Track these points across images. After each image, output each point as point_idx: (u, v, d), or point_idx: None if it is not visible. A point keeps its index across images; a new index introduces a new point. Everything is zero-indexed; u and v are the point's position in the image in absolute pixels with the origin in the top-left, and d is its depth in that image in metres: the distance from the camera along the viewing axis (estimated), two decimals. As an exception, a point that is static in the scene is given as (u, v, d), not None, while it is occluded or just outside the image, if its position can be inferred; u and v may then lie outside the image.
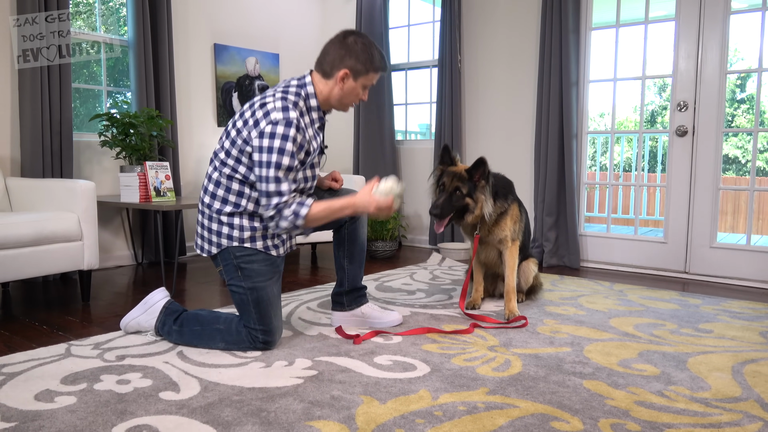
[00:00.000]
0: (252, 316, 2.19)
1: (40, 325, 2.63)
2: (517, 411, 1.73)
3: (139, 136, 3.65)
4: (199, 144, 4.57)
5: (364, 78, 2.27)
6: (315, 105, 2.25)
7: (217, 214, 2.20)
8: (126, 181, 3.48)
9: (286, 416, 1.68)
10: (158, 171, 3.50)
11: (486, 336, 2.46)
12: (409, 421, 1.65)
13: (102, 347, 2.28)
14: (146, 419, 1.65)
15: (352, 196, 2.25)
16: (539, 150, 4.24)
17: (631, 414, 1.72)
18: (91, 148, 3.93)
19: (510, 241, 2.82)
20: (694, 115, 3.75)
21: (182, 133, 4.43)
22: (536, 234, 4.29)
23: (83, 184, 3.00)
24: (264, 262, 2.22)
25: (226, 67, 4.71)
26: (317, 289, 3.32)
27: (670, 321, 2.72)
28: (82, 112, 4.18)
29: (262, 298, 2.20)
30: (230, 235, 2.19)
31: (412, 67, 5.31)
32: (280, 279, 2.32)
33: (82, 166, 3.89)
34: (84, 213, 2.98)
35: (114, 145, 3.63)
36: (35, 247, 2.78)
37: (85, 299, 3.05)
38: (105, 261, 4.00)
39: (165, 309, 2.33)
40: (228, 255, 2.20)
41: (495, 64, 4.58)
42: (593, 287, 3.45)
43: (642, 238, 4.08)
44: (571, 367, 2.10)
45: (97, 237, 3.04)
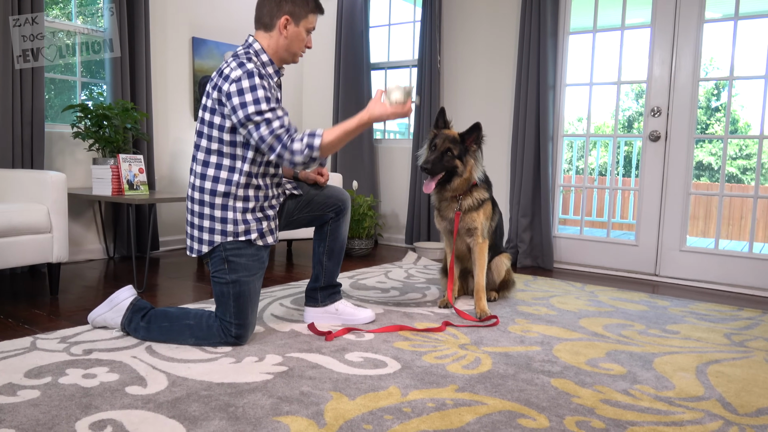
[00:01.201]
0: (229, 309, 2.18)
1: (6, 318, 2.58)
2: (485, 408, 1.74)
3: (113, 129, 3.60)
4: (175, 138, 4.52)
5: (305, 21, 2.28)
6: (267, 59, 2.25)
7: (210, 208, 2.18)
8: (98, 174, 3.43)
9: (254, 411, 1.67)
10: (132, 164, 3.45)
11: (457, 334, 2.48)
12: (378, 417, 1.65)
13: (69, 341, 2.24)
14: (111, 414, 1.63)
15: (365, 110, 2.19)
16: (516, 152, 4.28)
17: (596, 412, 1.74)
18: (64, 139, 3.86)
19: (480, 236, 2.84)
20: (667, 121, 3.82)
21: (158, 127, 4.38)
22: (511, 235, 4.33)
23: (54, 176, 2.95)
24: (253, 257, 2.21)
25: (203, 61, 4.67)
26: (291, 286, 3.31)
27: (638, 322, 2.77)
28: (57, 103, 4.11)
29: (243, 292, 2.19)
30: (224, 231, 2.17)
31: (392, 66, 5.32)
32: (263, 275, 2.31)
33: (54, 158, 3.82)
34: (54, 205, 2.93)
35: (87, 137, 3.57)
36: (2, 239, 2.73)
37: (53, 293, 3.00)
38: (76, 254, 3.94)
39: (132, 306, 2.29)
40: (219, 248, 2.19)
41: (474, 65, 4.61)
42: (565, 288, 3.49)
43: (614, 240, 4.14)
44: (540, 365, 2.12)
45: (67, 230, 2.99)
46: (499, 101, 4.49)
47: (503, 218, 4.42)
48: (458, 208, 2.81)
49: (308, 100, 5.68)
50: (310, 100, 5.68)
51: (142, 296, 3.03)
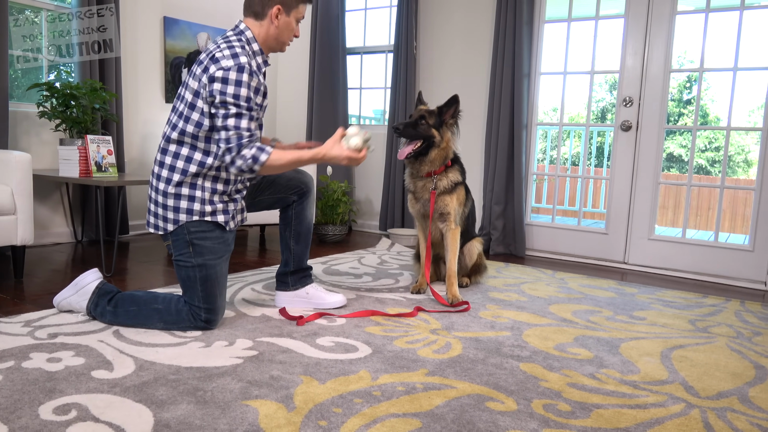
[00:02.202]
0: (197, 293, 2.15)
1: (-32, 301, 2.51)
2: (455, 392, 1.76)
3: (80, 109, 3.51)
4: (145, 120, 4.43)
5: (296, 11, 2.27)
6: (258, 49, 2.23)
7: (177, 187, 2.14)
8: (65, 155, 3.34)
9: (223, 395, 1.66)
10: (100, 145, 3.37)
11: (429, 320, 2.49)
12: (348, 401, 1.65)
13: (33, 325, 2.19)
14: (76, 397, 1.60)
15: (321, 147, 2.22)
16: (490, 139, 4.30)
17: (563, 395, 1.77)
18: (30, 119, 3.75)
19: (453, 222, 2.84)
20: (639, 111, 3.87)
21: (128, 108, 4.28)
22: (484, 222, 4.36)
23: (17, 155, 2.87)
24: (218, 239, 2.18)
25: (176, 42, 4.57)
26: (263, 271, 3.29)
27: (606, 308, 2.82)
28: (24, 82, 3.99)
29: (209, 276, 2.16)
30: (190, 209, 2.14)
31: (367, 51, 5.28)
32: (229, 258, 2.28)
33: (19, 138, 3.71)
34: (18, 186, 2.85)
35: (53, 117, 3.48)
36: (-37, 220, 2.65)
37: (17, 276, 2.93)
38: (42, 238, 3.85)
39: (98, 290, 2.25)
40: (181, 230, 2.15)
41: (450, 52, 4.60)
42: (536, 275, 3.53)
43: (585, 228, 4.20)
44: (509, 350, 2.15)
45: (32, 211, 2.92)
46: (475, 88, 4.49)
47: (476, 205, 4.44)
48: (433, 188, 2.79)
49: (283, 86, 5.62)
50: (285, 86, 5.61)
51: (111, 281, 2.97)
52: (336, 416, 1.56)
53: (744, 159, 11.64)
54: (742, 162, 11.62)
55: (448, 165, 2.83)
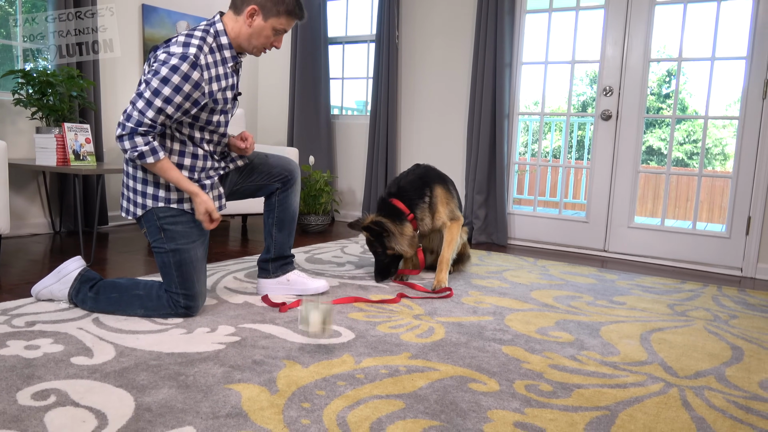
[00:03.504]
0: (174, 279, 2.13)
1: (-58, 291, 2.46)
2: (437, 374, 1.77)
3: (57, 96, 3.45)
4: (124, 109, 4.36)
5: (275, 20, 2.15)
6: (226, 42, 2.15)
7: (144, 172, 2.12)
8: (42, 143, 3.28)
9: (205, 380, 1.65)
10: (78, 133, 3.32)
11: (412, 305, 2.50)
12: (331, 384, 1.65)
13: (10, 313, 2.15)
14: (55, 383, 1.58)
15: (199, 191, 2.12)
16: (472, 129, 4.31)
17: (544, 376, 1.79)
18: (5, 107, 3.68)
19: (449, 221, 2.92)
20: (619, 100, 3.90)
21: (106, 97, 4.22)
22: (466, 211, 4.37)
23: (-7, 143, 2.81)
24: (188, 223, 2.16)
25: (154, 30, 4.51)
26: (245, 260, 3.27)
27: (587, 294, 2.85)
28: None
29: (184, 260, 2.14)
30: (156, 196, 2.12)
31: (349, 41, 5.25)
32: (206, 243, 2.25)
33: (-6, 127, 3.64)
34: (-7, 174, 2.80)
35: (29, 105, 3.41)
36: (-63, 209, 2.59)
37: (-6, 266, 2.88)
38: (19, 228, 3.78)
39: (80, 276, 2.22)
40: (152, 216, 2.13)
41: (432, 41, 4.60)
42: (518, 263, 3.56)
43: (566, 217, 4.23)
44: (492, 334, 2.16)
45: (7, 200, 2.86)
46: (457, 78, 4.50)
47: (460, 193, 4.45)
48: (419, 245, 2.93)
49: (264, 77, 5.57)
50: (267, 77, 5.56)
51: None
52: (319, 398, 1.56)
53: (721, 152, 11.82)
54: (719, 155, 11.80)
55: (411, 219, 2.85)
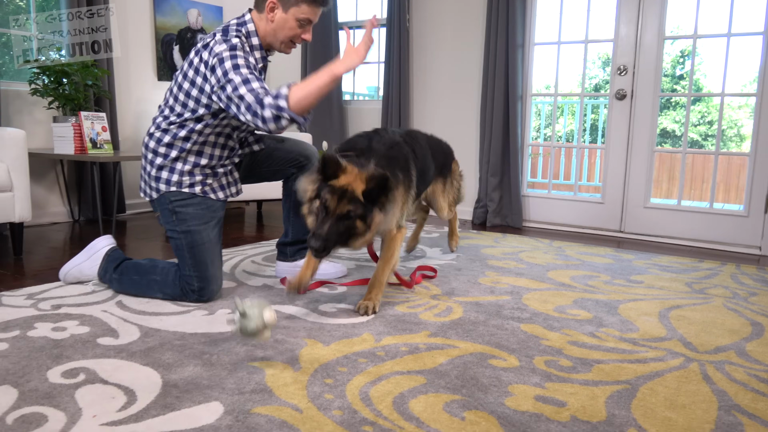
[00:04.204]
0: (187, 261, 2.15)
1: (-32, 277, 2.51)
2: (457, 351, 1.78)
3: (72, 86, 3.48)
4: (138, 98, 4.39)
5: (295, 9, 2.11)
6: (257, 44, 2.18)
7: (163, 159, 2.16)
8: (59, 132, 3.32)
9: (229, 358, 1.68)
10: (94, 122, 3.35)
11: (429, 286, 2.51)
12: (352, 361, 1.68)
13: (36, 297, 2.20)
14: (83, 362, 1.61)
15: (334, 64, 1.99)
16: (485, 111, 4.29)
17: (564, 352, 1.80)
18: (22, 98, 3.72)
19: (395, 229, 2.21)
20: (633, 79, 3.87)
21: (120, 86, 4.25)
22: (480, 194, 4.37)
23: (11, 132, 2.85)
24: (200, 205, 2.18)
25: (166, 19, 4.52)
26: (262, 245, 3.30)
27: (604, 273, 2.85)
28: (9, 62, 3.94)
29: (196, 242, 2.15)
30: (169, 180, 2.15)
31: (360, 25, 5.23)
32: (219, 226, 2.26)
33: (12, 117, 3.68)
34: (13, 162, 2.84)
35: (45, 95, 3.45)
36: (-40, 197, 2.64)
37: (17, 253, 2.93)
38: (39, 217, 3.83)
39: (107, 256, 2.27)
40: (164, 200, 2.16)
41: (443, 23, 4.57)
42: (534, 244, 3.56)
43: (581, 198, 4.22)
44: (509, 312, 2.17)
45: (28, 188, 2.90)
46: (469, 60, 4.47)
47: (472, 177, 4.45)
48: None
49: (275, 63, 5.55)
50: (278, 64, 5.55)
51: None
52: (341, 374, 1.58)
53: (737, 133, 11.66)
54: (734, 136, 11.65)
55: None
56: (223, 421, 1.32)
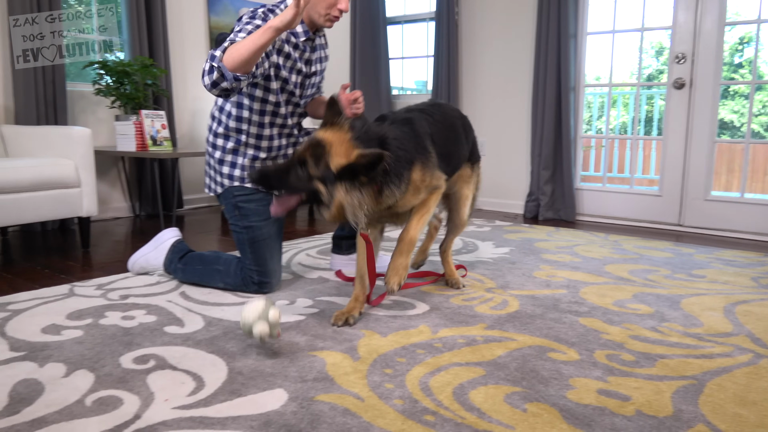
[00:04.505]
0: (247, 255, 2.21)
1: (42, 269, 2.65)
2: (515, 343, 1.77)
3: (133, 85, 3.61)
4: (194, 96, 4.52)
5: None
6: None
7: (221, 152, 2.23)
8: (122, 130, 3.46)
9: (290, 347, 1.72)
10: (154, 120, 3.47)
11: (483, 279, 2.50)
12: (410, 352, 1.69)
13: (105, 288, 2.30)
14: (153, 350, 1.68)
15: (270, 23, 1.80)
16: (536, 104, 4.23)
17: (625, 346, 1.76)
18: (86, 98, 3.88)
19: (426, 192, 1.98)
20: (692, 68, 3.74)
21: (176, 85, 4.38)
22: (532, 188, 4.31)
23: (79, 131, 2.98)
24: (262, 201, 2.22)
25: (219, 18, 4.63)
26: (315, 239, 3.35)
27: (664, 267, 2.77)
28: (79, 64, 4.11)
29: (257, 237, 2.21)
30: (231, 175, 2.21)
31: (408, 20, 5.23)
32: (280, 222, 2.31)
33: (77, 116, 3.85)
34: (81, 159, 2.97)
35: (108, 94, 3.59)
36: (34, 193, 2.78)
37: (85, 246, 3.07)
38: (103, 212, 3.99)
39: (173, 247, 2.36)
40: (228, 194, 2.22)
41: (493, 15, 4.52)
42: (588, 238, 3.49)
43: (637, 191, 4.11)
44: (567, 306, 2.14)
45: (95, 184, 3.04)
46: (519, 52, 4.41)
47: (524, 170, 4.40)
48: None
49: (325, 58, 5.62)
50: (327, 58, 5.61)
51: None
52: (400, 365, 1.60)
53: (801, 123, 11.11)
54: (798, 126, 11.09)
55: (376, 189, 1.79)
56: (288, 408, 1.36)
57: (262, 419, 1.30)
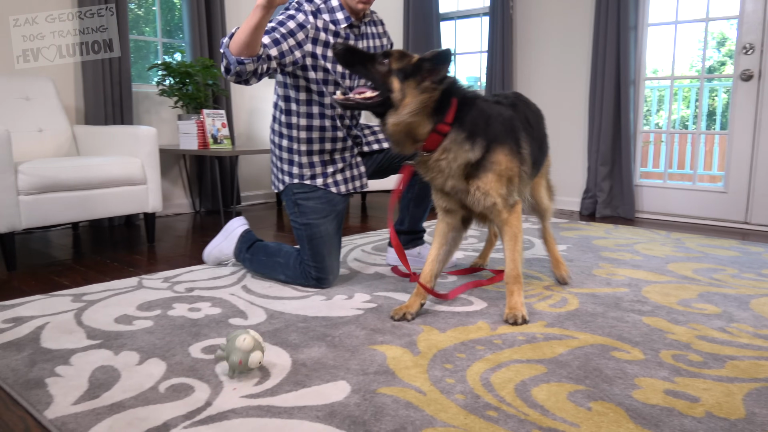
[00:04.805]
0: (306, 251, 2.26)
1: (111, 262, 2.77)
2: (576, 342, 1.75)
3: (195, 85, 3.73)
4: (251, 95, 4.63)
5: None
6: (336, 5, 2.15)
7: (280, 150, 2.29)
8: (185, 129, 3.58)
9: (350, 341, 1.75)
10: (215, 119, 3.58)
11: (542, 276, 2.47)
12: (469, 348, 1.69)
13: (171, 281, 2.39)
14: (219, 340, 1.74)
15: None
16: (594, 98, 4.14)
17: (692, 347, 1.71)
18: (149, 98, 4.03)
19: (504, 209, 1.90)
20: (761, 59, 3.58)
21: (234, 85, 4.49)
22: (589, 184, 4.22)
23: (145, 130, 3.10)
24: (321, 199, 2.26)
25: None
26: (369, 235, 3.38)
27: (730, 266, 2.67)
28: (140, 66, 4.28)
29: (314, 234, 2.24)
30: (291, 173, 2.26)
31: (461, 15, 5.20)
32: (339, 219, 2.33)
33: (141, 116, 4.00)
34: (147, 158, 3.09)
35: (171, 94, 3.72)
36: (104, 190, 2.91)
37: (150, 240, 3.19)
38: (165, 209, 4.14)
39: (241, 237, 2.46)
40: (289, 191, 2.27)
41: (548, 9, 4.45)
42: (649, 236, 3.39)
43: (700, 188, 3.97)
44: (629, 305, 2.10)
45: (159, 181, 3.15)
46: (576, 45, 4.32)
47: (580, 166, 4.31)
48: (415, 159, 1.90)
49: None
50: (379, 55, 5.65)
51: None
52: (460, 360, 1.60)
53: None
54: None
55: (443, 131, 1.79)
56: (351, 399, 1.38)
57: (327, 410, 1.34)
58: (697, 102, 6.18)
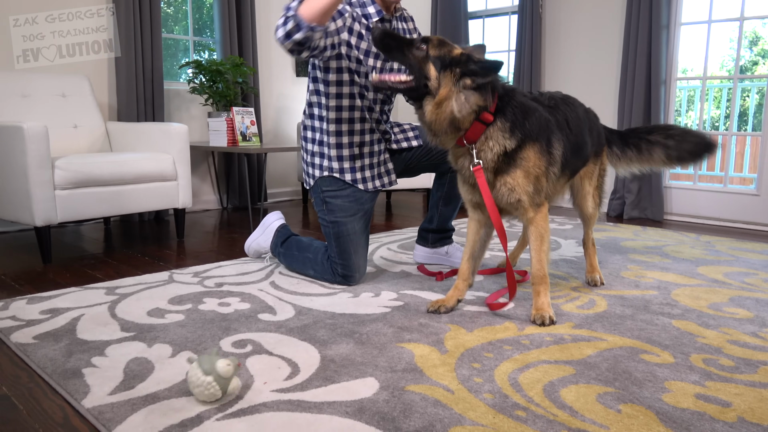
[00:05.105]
0: (333, 249, 2.28)
1: (142, 256, 2.83)
2: (605, 344, 1.74)
3: (225, 83, 3.78)
4: (278, 93, 4.67)
5: None
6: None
7: (311, 144, 2.31)
8: (215, 126, 3.63)
9: (378, 338, 1.76)
10: (244, 116, 3.62)
11: (568, 277, 2.46)
12: (497, 348, 1.69)
13: (201, 276, 2.44)
14: (249, 335, 1.77)
15: None
16: (624, 98, 4.09)
17: (723, 351, 1.69)
18: (180, 96, 4.10)
19: (530, 207, 1.90)
20: (799, 59, 3.50)
21: (263, 83, 4.54)
22: (617, 185, 4.18)
23: (177, 127, 3.16)
24: (349, 197, 2.27)
25: (304, 17, 4.74)
26: (395, 233, 3.39)
27: (762, 271, 2.62)
28: (168, 64, 4.35)
29: (342, 232, 2.26)
30: (321, 165, 2.27)
31: (489, 14, 5.18)
32: (366, 217, 2.34)
33: (172, 113, 4.07)
34: (178, 154, 3.14)
35: (202, 92, 3.78)
36: (136, 185, 2.97)
37: (179, 236, 3.25)
38: (194, 205, 4.21)
39: (277, 231, 2.52)
40: (318, 188, 2.29)
41: (579, 7, 4.40)
42: (678, 238, 3.35)
43: (732, 190, 3.90)
44: (658, 308, 2.08)
45: (190, 178, 3.21)
46: (606, 44, 4.27)
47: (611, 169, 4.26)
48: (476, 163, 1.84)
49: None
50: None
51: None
52: (488, 360, 1.61)
53: None
54: None
55: (487, 120, 1.81)
56: (380, 396, 1.40)
57: (356, 406, 1.35)
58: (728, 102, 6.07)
